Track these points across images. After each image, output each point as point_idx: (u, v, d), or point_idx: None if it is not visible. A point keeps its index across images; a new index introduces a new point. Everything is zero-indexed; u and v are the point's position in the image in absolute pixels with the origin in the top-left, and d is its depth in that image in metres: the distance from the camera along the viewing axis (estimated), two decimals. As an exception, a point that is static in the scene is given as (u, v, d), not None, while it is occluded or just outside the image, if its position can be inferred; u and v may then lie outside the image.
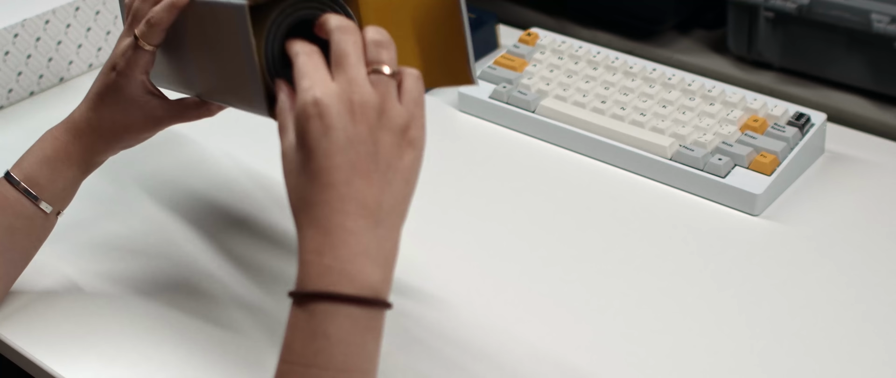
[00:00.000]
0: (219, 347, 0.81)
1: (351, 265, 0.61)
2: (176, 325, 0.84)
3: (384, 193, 0.62)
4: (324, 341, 0.60)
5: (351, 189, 0.61)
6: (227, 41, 0.73)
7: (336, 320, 0.60)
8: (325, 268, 0.60)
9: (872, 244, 0.89)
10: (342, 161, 0.61)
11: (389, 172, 0.62)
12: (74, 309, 0.86)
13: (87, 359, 0.81)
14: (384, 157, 0.62)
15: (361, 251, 0.61)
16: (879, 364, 0.78)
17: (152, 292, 0.87)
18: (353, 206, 0.61)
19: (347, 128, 0.61)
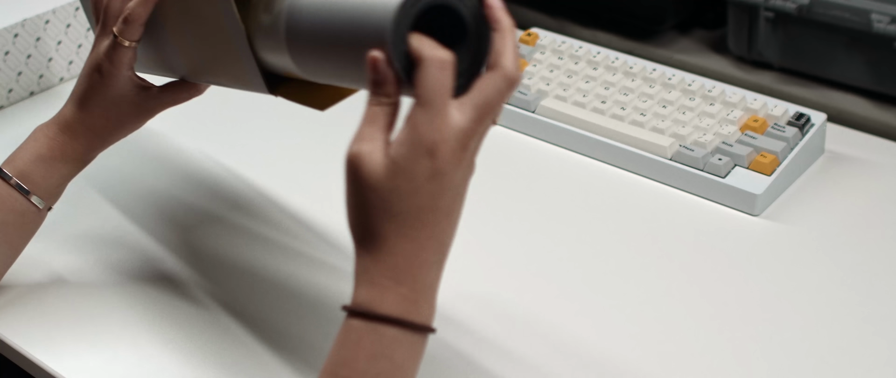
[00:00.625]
0: (215, 343, 0.81)
1: (423, 298, 0.63)
2: (172, 320, 0.84)
3: (454, 230, 0.64)
4: (387, 363, 0.62)
5: (438, 229, 0.63)
6: (213, 23, 0.73)
7: (403, 347, 0.62)
8: (402, 297, 0.62)
9: (872, 244, 0.89)
10: (443, 205, 0.62)
11: (460, 210, 0.64)
12: (69, 305, 0.86)
13: (82, 355, 0.81)
14: (462, 198, 0.64)
15: (432, 285, 0.64)
16: (879, 364, 0.78)
17: (149, 288, 0.87)
18: (435, 244, 0.63)
19: (454, 175, 0.62)
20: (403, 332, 0.62)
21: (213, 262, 0.91)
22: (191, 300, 0.86)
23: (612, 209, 0.95)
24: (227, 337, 0.82)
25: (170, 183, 1.01)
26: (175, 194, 1.00)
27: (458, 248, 0.90)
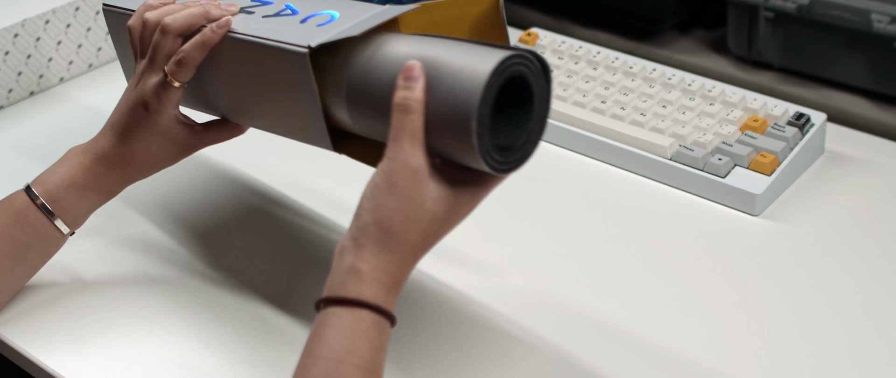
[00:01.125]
0: (216, 343, 0.81)
1: (397, 293, 0.68)
2: (172, 320, 0.84)
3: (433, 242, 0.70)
4: (382, 356, 0.67)
5: (433, 241, 0.69)
6: (281, 82, 0.74)
7: (376, 329, 0.67)
8: (386, 290, 0.67)
9: (872, 244, 0.89)
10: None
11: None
12: (69, 305, 0.86)
13: (82, 355, 0.81)
14: None
15: (402, 283, 0.69)
16: (880, 364, 0.78)
17: (149, 288, 0.87)
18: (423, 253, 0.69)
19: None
20: (378, 317, 0.67)
21: (213, 262, 0.90)
22: (191, 300, 0.86)
23: (613, 209, 0.95)
24: (227, 337, 0.82)
25: (170, 183, 1.01)
26: (175, 194, 1.00)
27: (459, 247, 0.90)
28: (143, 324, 0.84)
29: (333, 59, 0.72)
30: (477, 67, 0.65)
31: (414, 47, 0.69)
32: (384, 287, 0.67)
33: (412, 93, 0.66)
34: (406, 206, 0.67)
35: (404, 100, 0.66)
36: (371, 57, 0.70)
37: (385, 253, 0.67)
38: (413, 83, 0.66)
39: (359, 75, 0.70)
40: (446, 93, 0.65)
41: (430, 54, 0.67)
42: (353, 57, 0.71)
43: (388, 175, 0.66)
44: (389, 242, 0.67)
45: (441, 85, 0.66)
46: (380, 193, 0.67)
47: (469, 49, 0.67)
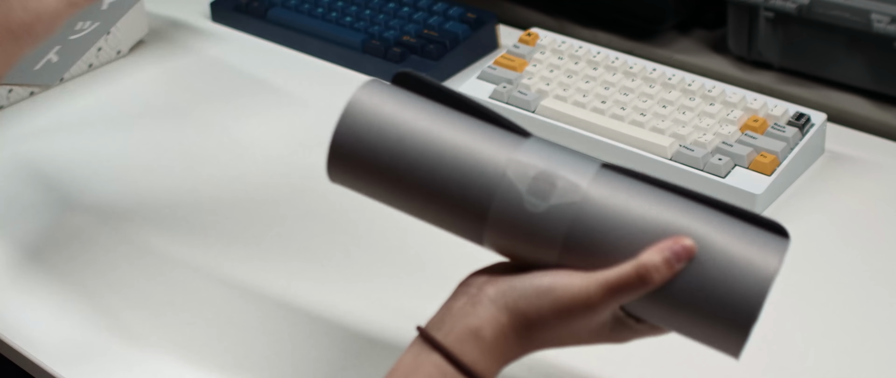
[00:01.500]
0: (216, 343, 0.82)
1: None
2: (172, 320, 0.84)
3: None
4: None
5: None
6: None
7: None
8: (495, 371, 0.65)
9: (872, 244, 0.89)
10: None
11: None
12: (69, 305, 0.86)
13: (82, 355, 0.81)
14: None
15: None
16: (879, 364, 0.78)
17: (149, 288, 0.87)
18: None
19: None
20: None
21: (214, 262, 0.91)
22: (191, 300, 0.86)
23: (612, 209, 0.95)
24: (228, 337, 0.82)
25: (171, 183, 1.01)
26: (176, 194, 1.00)
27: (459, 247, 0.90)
28: (144, 323, 0.84)
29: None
30: (763, 264, 0.60)
31: (675, 214, 0.63)
32: (496, 366, 0.65)
33: (667, 269, 0.61)
34: (563, 331, 0.64)
35: (654, 271, 0.61)
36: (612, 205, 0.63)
37: (515, 341, 0.65)
38: (675, 263, 0.61)
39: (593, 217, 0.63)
40: (725, 284, 0.60)
41: (697, 230, 0.62)
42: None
43: (571, 304, 0.63)
44: (526, 338, 0.65)
45: (715, 273, 0.60)
46: (551, 307, 0.63)
47: (740, 230, 0.62)
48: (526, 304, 0.63)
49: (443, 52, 1.15)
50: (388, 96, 0.67)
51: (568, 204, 0.63)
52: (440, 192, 0.66)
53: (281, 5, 1.26)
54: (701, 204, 0.64)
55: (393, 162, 0.66)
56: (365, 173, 0.67)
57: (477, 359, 0.63)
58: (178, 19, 1.31)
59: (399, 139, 0.66)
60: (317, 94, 1.15)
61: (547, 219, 0.63)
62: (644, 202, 0.63)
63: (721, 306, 0.60)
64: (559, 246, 0.63)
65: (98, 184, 1.02)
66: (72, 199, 1.00)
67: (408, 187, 0.66)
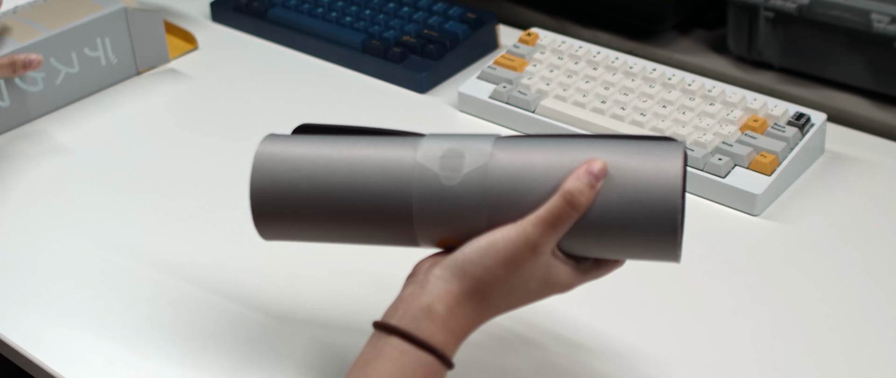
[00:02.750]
0: (217, 344, 0.81)
1: (460, 345, 0.68)
2: (173, 320, 0.84)
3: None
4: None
5: (512, 310, 0.69)
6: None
7: (429, 371, 0.65)
8: (456, 341, 0.67)
9: (872, 244, 0.89)
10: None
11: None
12: (70, 305, 0.86)
13: (82, 355, 0.81)
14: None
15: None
16: (879, 364, 0.78)
17: (150, 288, 0.87)
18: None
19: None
20: (436, 362, 0.65)
21: (216, 262, 0.91)
22: (192, 300, 0.86)
23: (612, 209, 0.95)
24: (229, 337, 0.82)
25: (167, 184, 1.01)
26: (174, 195, 1.00)
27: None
28: (145, 324, 0.84)
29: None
30: (667, 166, 0.65)
31: (578, 149, 0.67)
32: (455, 337, 0.66)
33: (589, 190, 0.65)
34: (514, 281, 0.67)
35: (578, 193, 0.65)
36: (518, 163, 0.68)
37: (469, 308, 0.67)
38: (595, 182, 0.65)
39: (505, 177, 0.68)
40: (640, 193, 0.65)
41: (602, 155, 0.66)
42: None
43: (514, 250, 0.66)
44: (479, 303, 0.67)
45: (628, 186, 0.65)
46: (494, 259, 0.66)
47: (637, 146, 0.67)
48: (472, 267, 0.66)
49: (443, 52, 1.15)
50: (290, 143, 0.72)
51: (480, 167, 0.67)
52: (364, 204, 0.69)
53: (281, 5, 1.26)
54: (597, 138, 0.68)
55: (312, 195, 0.70)
56: (291, 219, 0.71)
57: (434, 332, 0.65)
58: (179, 19, 1.31)
59: (311, 173, 0.70)
60: (317, 94, 1.15)
61: (465, 187, 0.67)
62: (547, 148, 0.67)
63: (645, 213, 0.65)
64: (485, 209, 0.67)
65: (99, 184, 1.02)
66: (73, 200, 1.00)
67: (333, 211, 0.70)
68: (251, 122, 1.11)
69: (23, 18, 1.12)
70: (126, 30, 1.15)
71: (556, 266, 0.67)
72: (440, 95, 1.13)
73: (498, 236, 0.66)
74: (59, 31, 1.10)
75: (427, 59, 1.15)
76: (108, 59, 1.15)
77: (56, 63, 1.11)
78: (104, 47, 1.15)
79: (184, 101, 1.15)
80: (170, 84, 1.18)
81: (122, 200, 0.99)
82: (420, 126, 1.08)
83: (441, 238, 0.69)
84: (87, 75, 1.14)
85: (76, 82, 1.14)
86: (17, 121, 1.10)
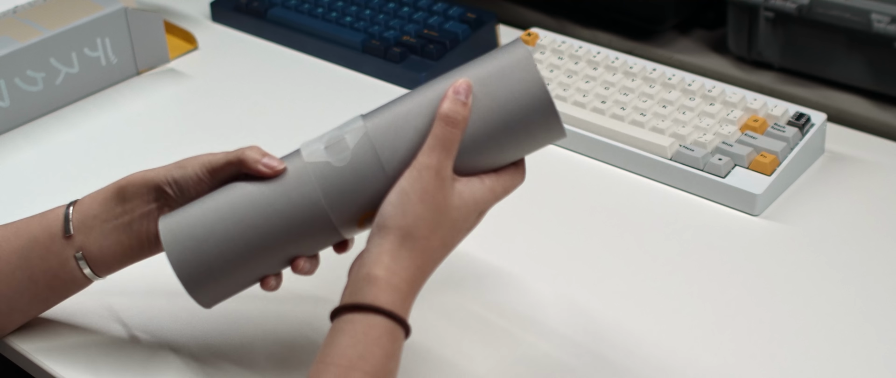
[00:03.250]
0: (218, 344, 0.81)
1: (412, 300, 0.70)
2: (173, 321, 0.84)
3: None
4: (395, 364, 0.67)
5: (449, 250, 0.72)
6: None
7: (391, 337, 0.67)
8: (403, 297, 0.68)
9: (872, 244, 0.89)
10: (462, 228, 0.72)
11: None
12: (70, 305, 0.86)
13: (83, 355, 0.81)
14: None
15: (415, 296, 0.71)
16: (879, 364, 0.78)
17: (151, 289, 0.87)
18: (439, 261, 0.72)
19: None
20: (393, 325, 0.67)
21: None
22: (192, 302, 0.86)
23: (613, 209, 0.95)
24: (230, 338, 0.82)
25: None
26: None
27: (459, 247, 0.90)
28: (145, 324, 0.84)
29: None
30: (517, 54, 0.71)
31: (438, 83, 0.73)
32: (400, 294, 0.68)
33: (463, 108, 0.70)
34: (433, 214, 0.69)
35: (453, 112, 0.70)
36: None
37: (405, 259, 0.68)
38: (465, 98, 0.70)
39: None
40: (507, 86, 0.71)
41: (462, 76, 0.72)
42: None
43: (419, 183, 0.69)
44: (411, 249, 0.68)
45: (494, 87, 0.71)
46: (408, 201, 0.69)
47: (486, 58, 0.73)
48: (393, 218, 0.69)
49: (443, 52, 1.15)
50: (184, 210, 0.75)
51: (362, 137, 0.72)
52: (282, 223, 0.72)
53: (281, 5, 1.26)
54: (451, 72, 0.73)
55: (232, 238, 0.73)
56: (220, 273, 0.74)
57: (377, 294, 0.67)
58: (179, 19, 1.31)
59: (221, 219, 0.73)
60: (317, 94, 1.15)
61: (358, 157, 0.71)
62: (411, 98, 0.73)
63: (518, 99, 0.71)
64: (381, 168, 0.71)
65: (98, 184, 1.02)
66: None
67: (259, 245, 0.73)
68: (251, 122, 1.11)
69: (23, 18, 1.12)
70: (126, 30, 1.15)
71: (464, 186, 0.71)
72: (440, 95, 1.13)
73: (402, 182, 0.69)
74: (59, 31, 1.10)
75: (427, 59, 1.15)
76: (108, 59, 1.15)
77: (56, 63, 1.11)
78: (104, 47, 1.15)
79: (184, 101, 1.15)
80: (170, 84, 1.18)
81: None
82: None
83: (360, 215, 0.72)
84: (87, 75, 1.14)
85: (76, 82, 1.14)
86: (17, 121, 1.10)
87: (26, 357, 0.82)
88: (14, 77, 1.08)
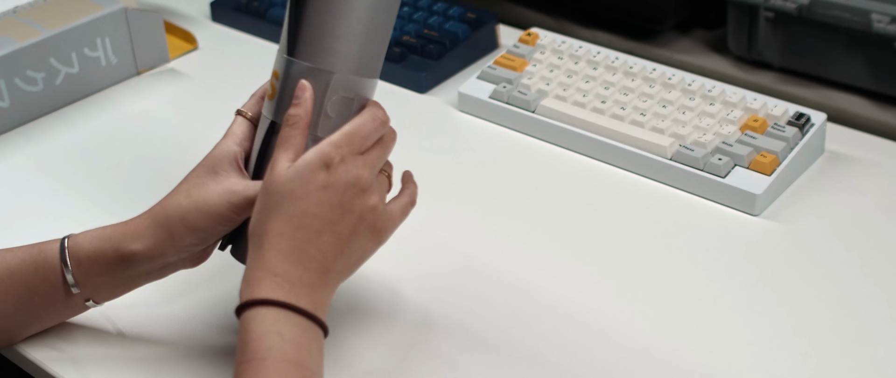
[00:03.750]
0: (219, 345, 0.81)
1: (302, 290, 0.69)
2: (174, 321, 0.84)
3: (344, 254, 0.71)
4: (277, 339, 0.67)
5: (320, 240, 0.70)
6: None
7: (289, 325, 0.68)
8: (276, 284, 0.69)
9: (872, 244, 0.89)
10: (328, 216, 0.70)
11: (353, 246, 0.72)
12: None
13: (83, 355, 0.81)
14: (354, 234, 0.72)
15: (311, 285, 0.70)
16: (879, 364, 0.78)
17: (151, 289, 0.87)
18: (316, 252, 0.70)
19: (343, 193, 0.71)
20: (285, 312, 0.68)
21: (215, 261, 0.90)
22: (192, 300, 0.86)
23: (612, 209, 0.95)
24: (229, 337, 0.82)
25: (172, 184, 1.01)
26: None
27: (458, 248, 0.90)
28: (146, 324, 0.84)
29: None
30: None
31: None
32: (272, 275, 0.69)
33: (298, 108, 0.72)
34: (261, 201, 0.71)
35: (292, 115, 0.72)
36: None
37: (254, 250, 0.70)
38: (299, 101, 0.72)
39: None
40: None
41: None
42: None
43: (262, 186, 0.71)
44: (254, 242, 0.70)
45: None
46: (263, 205, 0.71)
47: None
48: (274, 192, 0.70)
49: (443, 52, 1.15)
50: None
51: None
52: None
53: (281, 5, 1.26)
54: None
55: None
56: None
57: (261, 287, 0.68)
58: (179, 19, 1.31)
59: None
60: (317, 94, 1.15)
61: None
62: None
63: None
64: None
65: (98, 184, 1.02)
66: (73, 200, 1.00)
67: None
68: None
69: (23, 18, 1.12)
70: (126, 30, 1.15)
71: (298, 161, 0.71)
72: (440, 95, 1.13)
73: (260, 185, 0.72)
74: (59, 31, 1.10)
75: (427, 59, 1.15)
76: (108, 59, 1.15)
77: (56, 63, 1.11)
78: (104, 47, 1.15)
79: (184, 101, 1.15)
80: (170, 84, 1.18)
81: (122, 200, 0.99)
82: (420, 126, 1.08)
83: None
84: (87, 75, 1.14)
85: (76, 82, 1.14)
86: (17, 121, 1.10)
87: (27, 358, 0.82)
88: (14, 77, 1.08)
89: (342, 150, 0.71)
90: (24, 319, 0.79)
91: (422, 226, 0.78)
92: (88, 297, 0.78)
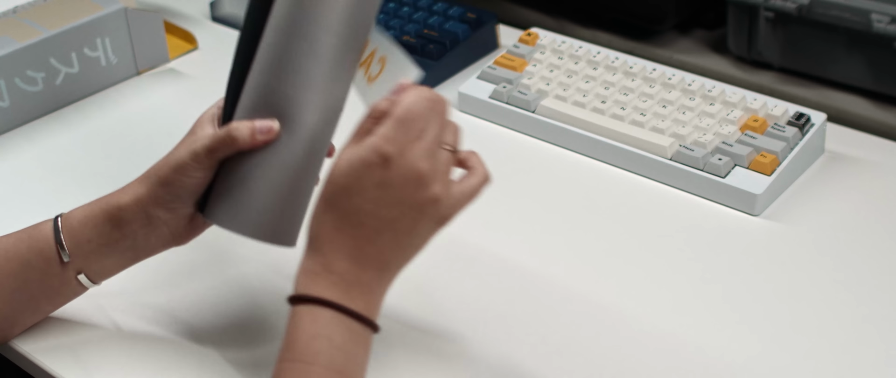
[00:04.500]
0: (219, 346, 0.81)
1: (357, 290, 0.68)
2: (174, 321, 0.84)
3: (401, 250, 0.69)
4: (326, 343, 0.66)
5: (379, 238, 0.68)
6: None
7: (340, 329, 0.67)
8: (332, 283, 0.68)
9: (872, 244, 0.89)
10: (386, 215, 0.67)
11: (414, 240, 0.69)
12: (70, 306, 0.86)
13: (83, 356, 0.81)
14: (417, 228, 0.69)
15: (368, 284, 0.69)
16: (879, 364, 0.78)
17: (151, 289, 0.87)
18: (373, 250, 0.68)
19: (403, 190, 0.67)
20: (339, 315, 0.67)
21: (215, 262, 0.90)
22: (191, 299, 0.86)
23: (612, 209, 0.95)
24: (230, 337, 0.82)
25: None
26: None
27: (458, 248, 0.90)
28: (146, 325, 0.84)
29: None
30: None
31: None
32: (333, 276, 0.68)
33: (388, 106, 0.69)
34: (324, 186, 0.69)
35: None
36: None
37: (313, 240, 0.69)
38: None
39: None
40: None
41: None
42: None
43: (345, 172, 0.69)
44: (313, 231, 0.69)
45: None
46: (332, 189, 0.69)
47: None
48: (330, 186, 0.68)
49: (443, 52, 1.15)
50: (223, 193, 0.77)
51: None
52: (301, 152, 0.75)
53: (281, 5, 1.26)
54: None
55: (279, 187, 0.75)
56: (291, 212, 0.76)
57: (310, 287, 0.68)
58: (179, 19, 1.31)
59: (259, 178, 0.75)
60: (317, 94, 1.15)
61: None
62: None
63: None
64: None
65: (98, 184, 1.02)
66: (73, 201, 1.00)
67: (298, 177, 0.75)
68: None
69: (23, 18, 1.12)
70: (126, 30, 1.15)
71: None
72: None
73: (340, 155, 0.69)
74: (59, 31, 1.10)
75: (427, 59, 1.15)
76: (108, 59, 1.15)
77: (56, 63, 1.11)
78: (104, 47, 1.15)
79: (184, 101, 1.15)
80: (170, 84, 1.18)
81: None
82: (420, 126, 1.08)
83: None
84: (87, 75, 1.14)
85: (76, 82, 1.14)
86: (17, 121, 1.10)
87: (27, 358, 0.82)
88: (14, 77, 1.08)
89: (398, 142, 0.67)
90: (21, 301, 0.79)
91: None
92: (80, 269, 0.78)
